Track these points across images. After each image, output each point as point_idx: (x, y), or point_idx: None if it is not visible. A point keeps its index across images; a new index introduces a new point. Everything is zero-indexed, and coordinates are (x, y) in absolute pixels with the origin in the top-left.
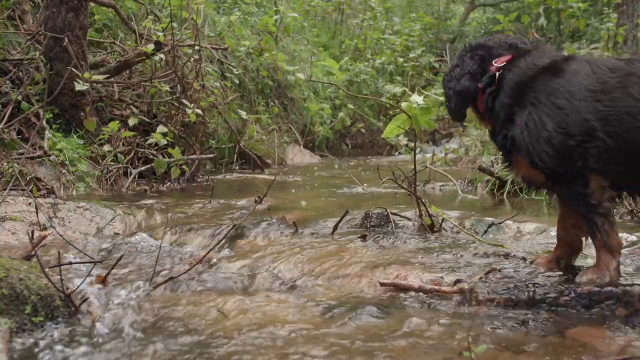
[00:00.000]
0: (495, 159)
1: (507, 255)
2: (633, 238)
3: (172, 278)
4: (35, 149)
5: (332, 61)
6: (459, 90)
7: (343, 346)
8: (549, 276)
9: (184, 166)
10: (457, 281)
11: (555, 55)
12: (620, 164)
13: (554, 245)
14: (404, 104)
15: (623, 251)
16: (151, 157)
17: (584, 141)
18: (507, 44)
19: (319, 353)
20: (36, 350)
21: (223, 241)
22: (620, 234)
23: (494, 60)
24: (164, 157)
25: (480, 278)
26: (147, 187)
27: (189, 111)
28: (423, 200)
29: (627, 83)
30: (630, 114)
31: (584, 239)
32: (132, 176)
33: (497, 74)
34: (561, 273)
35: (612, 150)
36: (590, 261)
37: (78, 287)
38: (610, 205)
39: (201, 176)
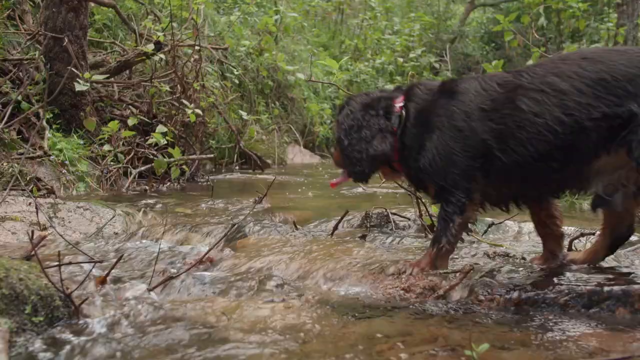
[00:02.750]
0: None
1: (507, 255)
2: (633, 238)
3: (171, 277)
4: (35, 149)
5: (332, 61)
6: (372, 154)
7: (343, 347)
8: (549, 276)
9: (184, 166)
10: None
11: (430, 85)
12: (514, 177)
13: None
14: None
15: (624, 251)
16: (151, 157)
17: (485, 160)
18: (394, 91)
19: (318, 353)
20: (36, 350)
21: (223, 241)
22: None
23: (394, 102)
24: (164, 157)
25: (480, 278)
26: (147, 187)
27: (188, 111)
28: (423, 200)
29: (516, 97)
30: (521, 127)
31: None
32: (132, 176)
33: (402, 112)
34: (560, 273)
35: (507, 164)
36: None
37: (78, 287)
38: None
39: (201, 176)
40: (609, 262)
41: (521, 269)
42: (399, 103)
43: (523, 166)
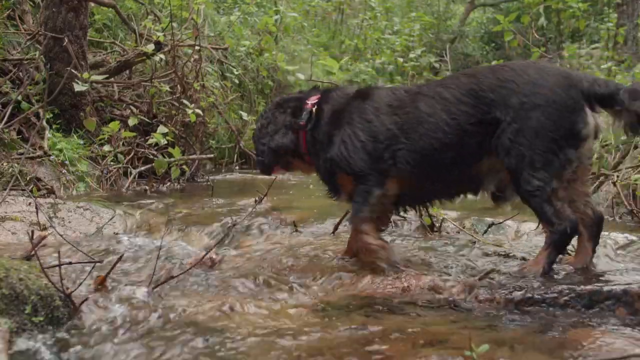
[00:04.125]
0: None
1: (507, 255)
2: (633, 238)
3: (172, 277)
4: (35, 149)
5: (333, 60)
6: (273, 147)
7: (341, 346)
8: (548, 276)
9: (184, 166)
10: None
11: (346, 89)
12: (416, 163)
13: None
14: None
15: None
16: (151, 157)
17: (390, 144)
18: (311, 90)
19: (317, 353)
20: (36, 350)
21: (223, 241)
22: (619, 234)
23: (307, 100)
24: (164, 157)
25: (481, 277)
26: (147, 187)
27: (189, 111)
28: None
29: (416, 99)
30: (420, 123)
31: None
32: (132, 176)
33: (313, 109)
34: (560, 274)
35: (410, 151)
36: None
37: (78, 287)
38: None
39: (201, 176)
40: (608, 262)
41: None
42: (311, 101)
43: (424, 156)
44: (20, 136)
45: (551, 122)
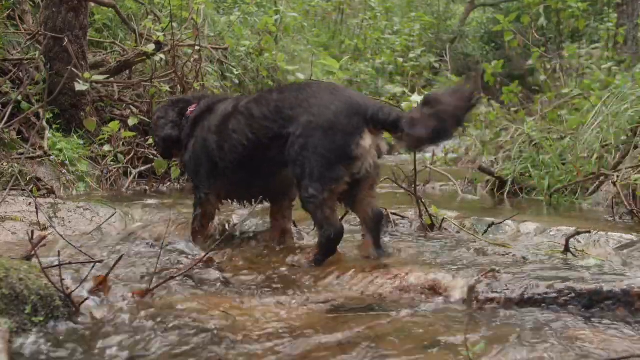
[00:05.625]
0: (495, 159)
1: (507, 255)
2: (633, 238)
3: (172, 277)
4: (35, 149)
5: (333, 60)
6: (162, 137)
7: (340, 345)
8: (549, 276)
9: None
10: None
11: (213, 99)
12: (232, 178)
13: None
14: (404, 104)
15: (626, 251)
16: (151, 157)
17: (216, 162)
18: (197, 97)
19: (316, 353)
20: (36, 350)
21: (223, 241)
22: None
23: (189, 106)
24: None
25: (481, 277)
26: (147, 187)
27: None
28: (423, 200)
29: (230, 117)
30: (226, 140)
31: None
32: (132, 176)
33: (190, 117)
34: (559, 274)
35: (224, 169)
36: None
37: (78, 287)
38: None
39: None
40: (609, 262)
41: (521, 268)
42: (191, 108)
43: (232, 170)
44: (20, 136)
45: (328, 142)
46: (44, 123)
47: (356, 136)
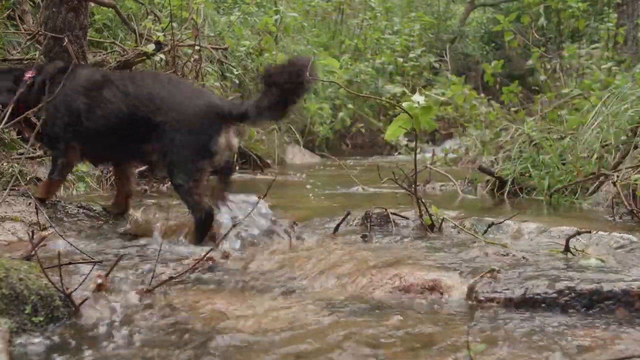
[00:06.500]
0: (495, 159)
1: (507, 255)
2: (633, 238)
3: (172, 278)
4: (35, 149)
5: (334, 60)
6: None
7: (339, 345)
8: (549, 276)
9: None
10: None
11: (62, 65)
12: (94, 138)
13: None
14: (405, 104)
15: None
16: None
17: (77, 121)
18: (31, 66)
19: (315, 351)
20: (36, 350)
21: (223, 241)
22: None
23: (24, 73)
24: None
25: (481, 277)
26: (147, 187)
27: None
28: (423, 200)
29: (105, 85)
30: (100, 106)
31: None
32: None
33: (29, 80)
34: (560, 274)
35: (89, 129)
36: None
37: (78, 287)
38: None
39: None
40: (609, 262)
41: (521, 268)
42: (28, 75)
43: (98, 132)
44: (20, 136)
45: (193, 139)
46: None
47: (215, 135)
